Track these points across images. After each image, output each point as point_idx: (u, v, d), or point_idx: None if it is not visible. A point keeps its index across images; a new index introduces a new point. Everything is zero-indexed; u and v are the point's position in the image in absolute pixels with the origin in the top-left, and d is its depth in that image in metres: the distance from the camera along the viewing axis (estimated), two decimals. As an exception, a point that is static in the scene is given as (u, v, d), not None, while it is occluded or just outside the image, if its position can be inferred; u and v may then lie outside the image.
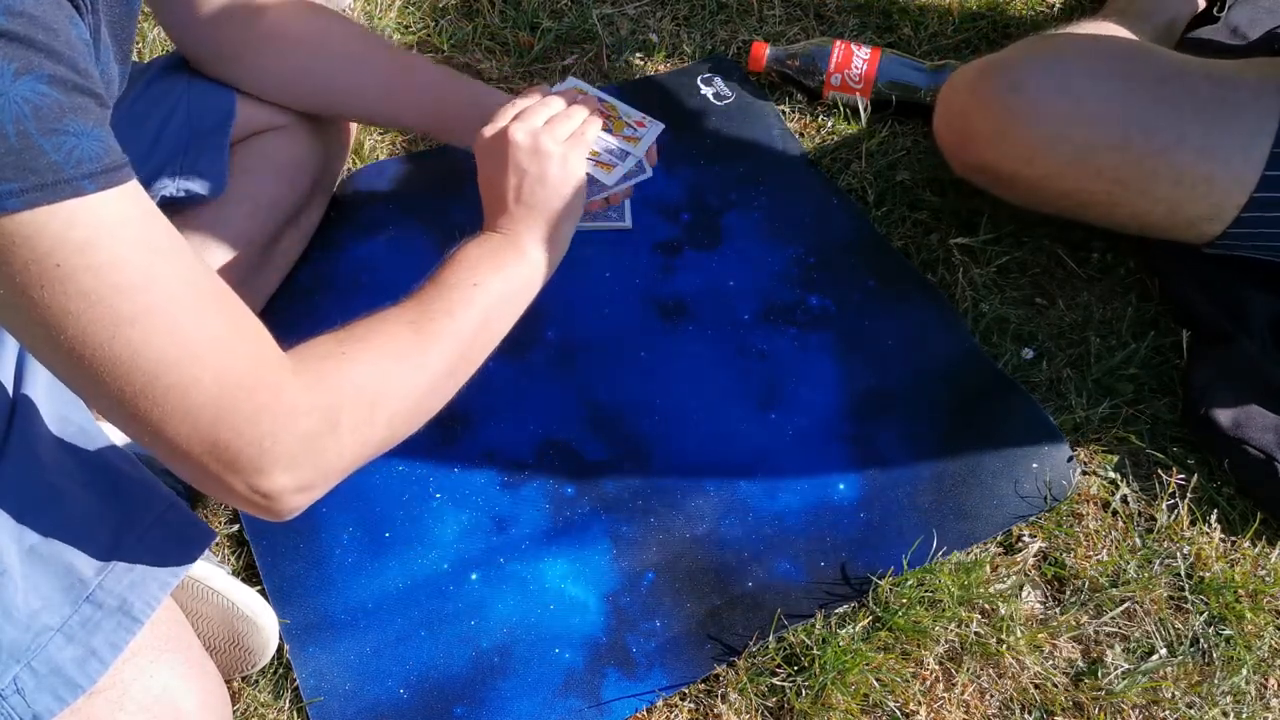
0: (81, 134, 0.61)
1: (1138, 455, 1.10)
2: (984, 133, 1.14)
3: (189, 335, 0.65)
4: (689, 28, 1.50)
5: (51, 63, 0.60)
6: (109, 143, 0.63)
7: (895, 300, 1.21)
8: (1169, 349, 1.18)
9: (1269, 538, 1.05)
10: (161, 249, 0.65)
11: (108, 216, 0.62)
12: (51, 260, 0.60)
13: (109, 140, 0.63)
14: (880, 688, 0.95)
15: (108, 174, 0.62)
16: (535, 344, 1.18)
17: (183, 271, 0.66)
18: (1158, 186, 1.09)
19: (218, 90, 1.10)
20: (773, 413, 1.13)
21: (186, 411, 0.66)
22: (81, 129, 0.61)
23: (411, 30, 1.49)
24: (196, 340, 0.65)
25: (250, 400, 0.68)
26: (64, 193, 0.60)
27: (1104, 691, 0.96)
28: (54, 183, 0.59)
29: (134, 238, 0.63)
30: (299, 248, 1.21)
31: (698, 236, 1.27)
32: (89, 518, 0.81)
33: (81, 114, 0.61)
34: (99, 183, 0.61)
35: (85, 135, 0.61)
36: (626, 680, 0.96)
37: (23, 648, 0.75)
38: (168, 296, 0.64)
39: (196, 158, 1.07)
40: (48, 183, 0.59)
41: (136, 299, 0.63)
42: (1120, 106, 1.08)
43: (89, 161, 0.61)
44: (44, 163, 0.59)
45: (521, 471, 1.09)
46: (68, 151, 0.60)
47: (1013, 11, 1.53)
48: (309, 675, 0.96)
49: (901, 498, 1.07)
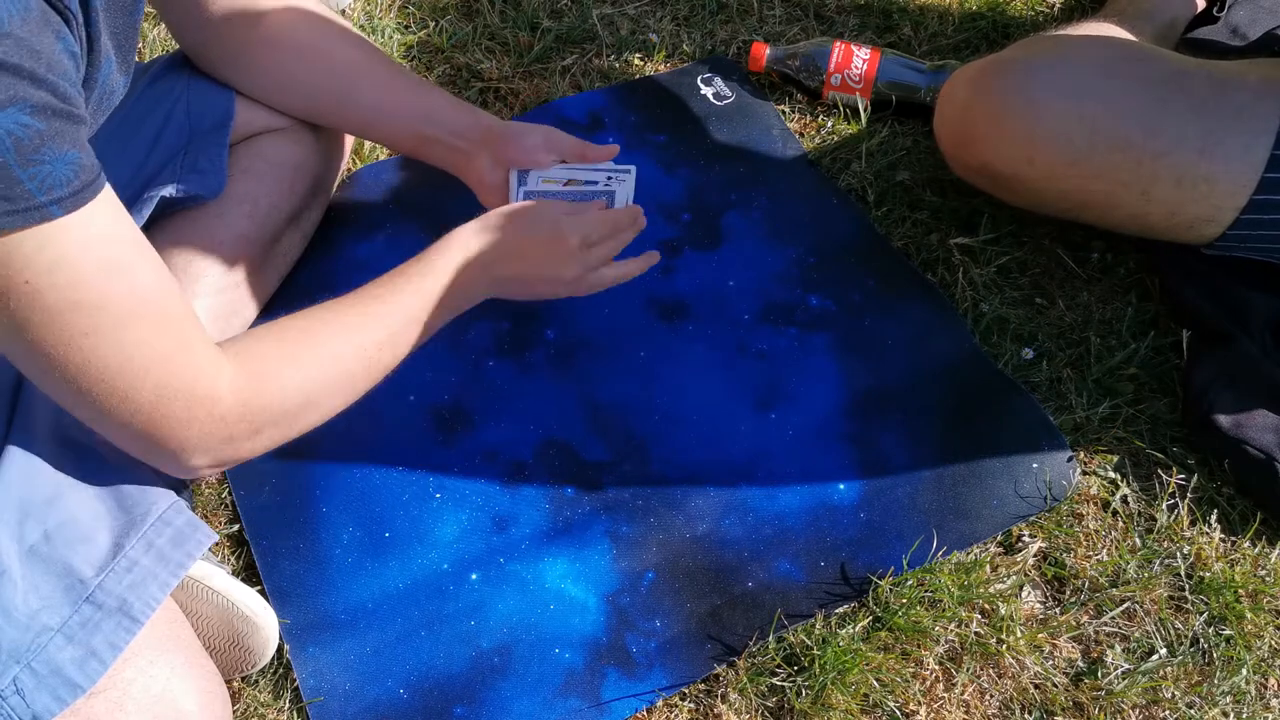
0: (56, 160, 0.66)
1: (1138, 455, 1.10)
2: (984, 133, 1.14)
3: (134, 351, 0.73)
4: (689, 28, 1.50)
5: (35, 90, 0.64)
6: (82, 161, 0.68)
7: (895, 300, 1.21)
8: (1169, 349, 1.18)
9: (1269, 538, 1.05)
10: (120, 267, 0.71)
11: (74, 240, 0.68)
12: (21, 278, 0.67)
13: (82, 159, 0.68)
14: (880, 688, 0.95)
15: (75, 196, 0.67)
16: (535, 344, 1.18)
17: (137, 289, 0.73)
18: (1157, 188, 1.09)
19: (217, 90, 1.10)
20: (773, 413, 1.13)
21: (126, 412, 0.75)
22: (56, 154, 0.66)
23: (411, 30, 1.49)
24: (140, 355, 0.73)
25: (184, 410, 0.76)
26: (33, 219, 0.65)
27: (1104, 691, 0.96)
28: (25, 209, 0.65)
29: (95, 259, 0.70)
30: (299, 248, 1.21)
31: (698, 236, 1.27)
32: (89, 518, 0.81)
33: (58, 139, 0.66)
34: (66, 206, 0.67)
35: (58, 160, 0.66)
36: (626, 680, 0.96)
37: (23, 648, 0.75)
38: (120, 315, 0.72)
39: (196, 157, 1.07)
40: (19, 209, 0.65)
41: (91, 316, 0.70)
42: (1120, 107, 1.08)
43: (59, 187, 0.66)
44: (18, 191, 0.64)
45: (521, 471, 1.09)
46: (41, 180, 0.65)
47: (1013, 11, 1.53)
48: (309, 675, 0.97)
49: (901, 498, 1.07)
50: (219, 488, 1.08)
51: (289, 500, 1.07)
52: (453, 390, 1.15)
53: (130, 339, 0.73)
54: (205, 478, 0.83)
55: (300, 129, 1.15)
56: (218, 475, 1.00)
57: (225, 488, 1.08)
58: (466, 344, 1.18)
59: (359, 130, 1.20)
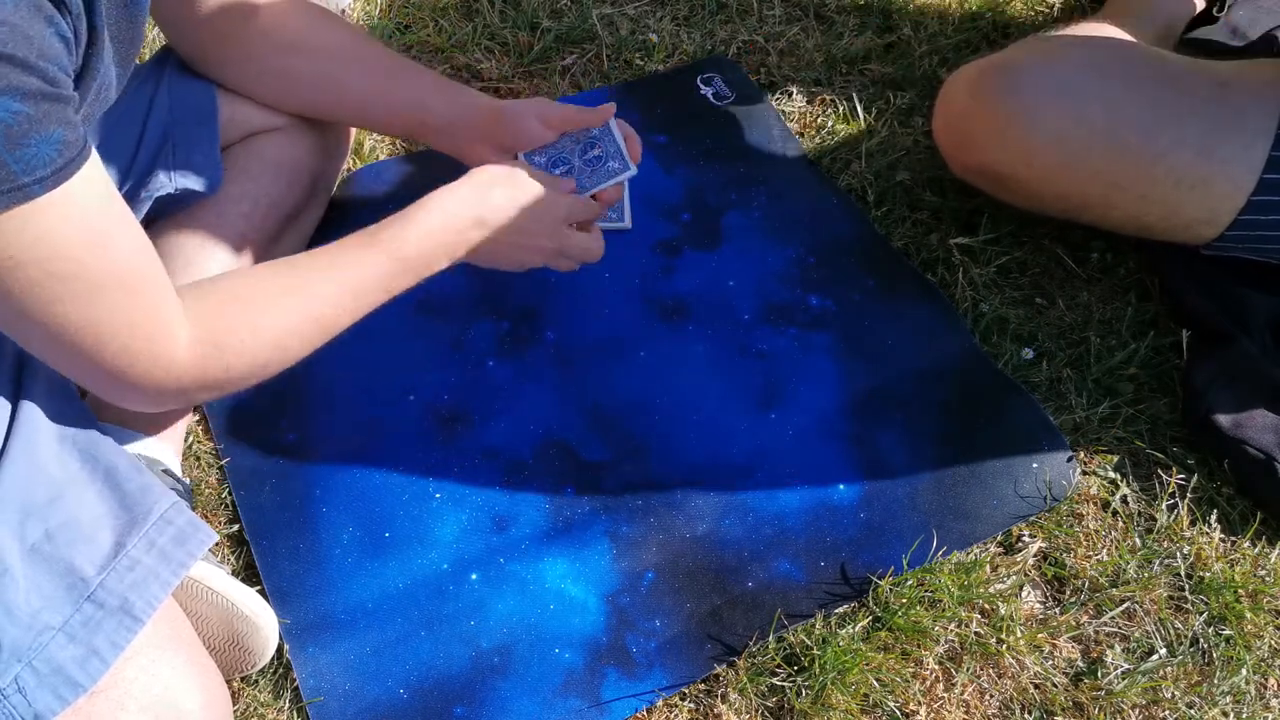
0: (41, 141, 0.68)
1: (1138, 455, 1.10)
2: (983, 134, 1.14)
3: (103, 315, 0.77)
4: (689, 28, 1.51)
5: (27, 77, 0.66)
6: (66, 138, 0.70)
7: (895, 300, 1.21)
8: (1169, 349, 1.18)
9: (1269, 538, 1.05)
10: (99, 239, 0.75)
11: (54, 216, 0.71)
12: (6, 253, 0.70)
13: (67, 135, 0.70)
14: (880, 688, 0.95)
15: (58, 174, 0.69)
16: (535, 344, 1.18)
17: (115, 259, 0.76)
18: (1155, 189, 1.09)
19: (196, 83, 1.09)
20: (773, 413, 1.13)
21: (91, 366, 0.79)
22: (42, 137, 0.68)
23: (411, 30, 1.49)
24: (108, 321, 0.77)
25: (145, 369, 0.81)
26: (16, 199, 0.68)
27: (1104, 691, 0.96)
28: (9, 190, 0.67)
29: (75, 232, 0.72)
30: (299, 248, 1.21)
31: (698, 236, 1.27)
32: (90, 517, 0.81)
33: (44, 122, 0.68)
34: (48, 185, 0.69)
35: (44, 141, 0.68)
36: (626, 680, 0.96)
37: (24, 647, 0.75)
38: (94, 284, 0.75)
39: (189, 154, 1.07)
40: (4, 190, 0.67)
41: (67, 285, 0.74)
42: (1119, 109, 1.08)
43: (42, 167, 0.68)
44: (3, 174, 0.66)
45: (521, 471, 1.09)
46: (26, 162, 0.67)
47: (1012, 12, 1.54)
48: (309, 675, 0.96)
49: (901, 498, 1.07)
50: (219, 488, 1.08)
51: (289, 500, 1.07)
52: (453, 390, 1.15)
53: (102, 306, 0.76)
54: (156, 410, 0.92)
55: (298, 128, 1.15)
56: None
57: (225, 488, 1.08)
58: (466, 344, 1.18)
59: (355, 120, 1.21)
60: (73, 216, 0.72)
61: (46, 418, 0.84)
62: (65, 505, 0.80)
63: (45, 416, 0.84)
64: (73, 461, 0.83)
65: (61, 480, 0.82)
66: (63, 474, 0.82)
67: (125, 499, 0.83)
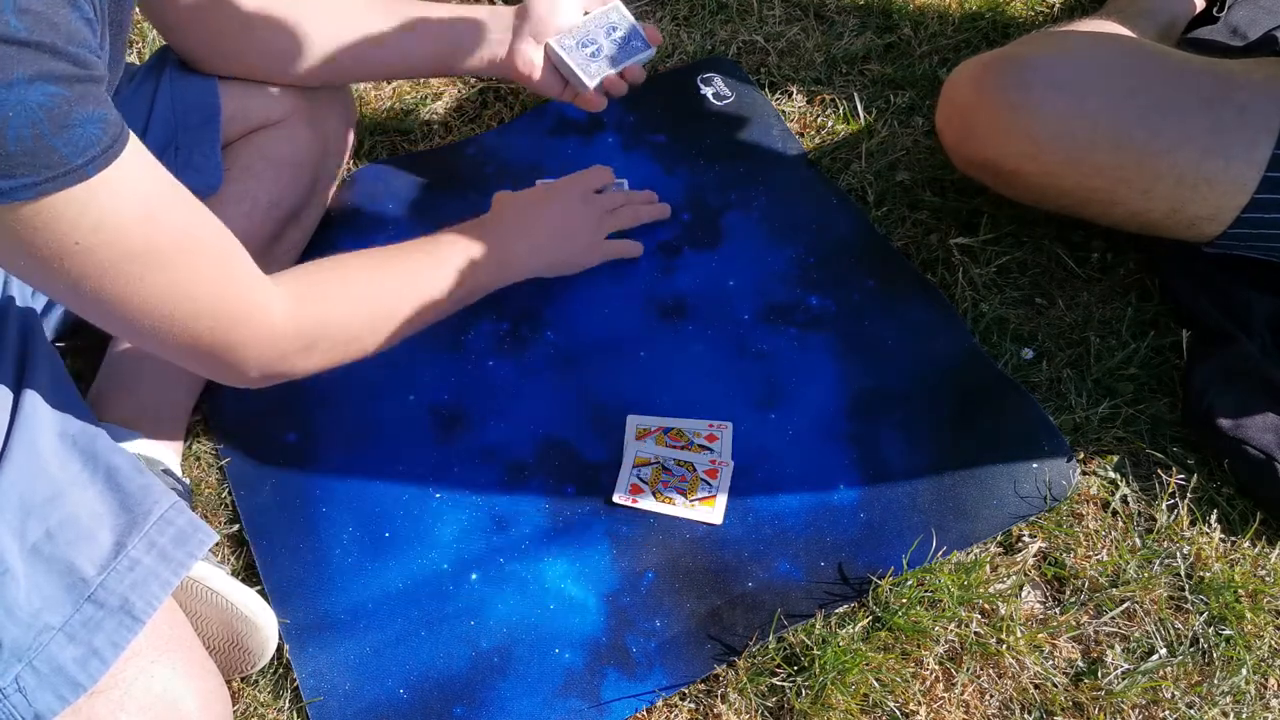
0: (85, 121, 0.68)
1: (1138, 455, 1.10)
2: (986, 128, 1.14)
3: (186, 286, 0.78)
4: (689, 28, 1.51)
5: (58, 61, 0.67)
6: (108, 117, 0.70)
7: (895, 300, 1.21)
8: (1169, 349, 1.18)
9: (1269, 538, 1.05)
10: (158, 211, 0.76)
11: (112, 195, 0.71)
12: (71, 239, 0.71)
13: (107, 114, 0.70)
14: (880, 688, 0.95)
15: (107, 153, 0.70)
16: (535, 344, 1.18)
17: (178, 228, 0.78)
18: (1159, 185, 1.09)
19: (199, 81, 1.09)
20: (773, 413, 1.13)
21: (187, 340, 0.81)
22: (84, 116, 0.68)
23: (412, 30, 1.48)
24: (193, 290, 0.79)
25: (241, 333, 0.83)
26: (71, 180, 0.68)
27: (1104, 691, 0.96)
28: (64, 173, 0.68)
29: (134, 209, 0.73)
30: (300, 247, 1.21)
31: (698, 236, 1.27)
32: (91, 517, 0.81)
33: (83, 102, 0.68)
34: (99, 164, 0.70)
35: (88, 121, 0.68)
36: (626, 680, 0.96)
37: (25, 646, 0.75)
38: (167, 256, 0.76)
39: (190, 153, 1.07)
40: (59, 174, 0.67)
41: (141, 262, 0.75)
42: (1124, 104, 1.08)
43: (91, 147, 0.69)
44: (55, 158, 0.67)
45: (521, 471, 1.09)
46: (75, 143, 0.68)
47: (1013, 11, 1.53)
48: (309, 675, 0.97)
49: (901, 497, 1.07)
50: (219, 488, 1.08)
51: (289, 500, 1.07)
52: (453, 390, 1.15)
53: (181, 277, 0.78)
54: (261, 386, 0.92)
55: (298, 124, 1.15)
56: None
57: (225, 488, 1.08)
58: (466, 344, 1.18)
59: (383, 76, 1.27)
60: (130, 193, 0.73)
61: (48, 417, 0.84)
62: (66, 505, 0.80)
63: (47, 416, 0.84)
64: (74, 461, 0.83)
65: (62, 480, 0.82)
66: (64, 473, 0.82)
67: (126, 499, 0.83)
